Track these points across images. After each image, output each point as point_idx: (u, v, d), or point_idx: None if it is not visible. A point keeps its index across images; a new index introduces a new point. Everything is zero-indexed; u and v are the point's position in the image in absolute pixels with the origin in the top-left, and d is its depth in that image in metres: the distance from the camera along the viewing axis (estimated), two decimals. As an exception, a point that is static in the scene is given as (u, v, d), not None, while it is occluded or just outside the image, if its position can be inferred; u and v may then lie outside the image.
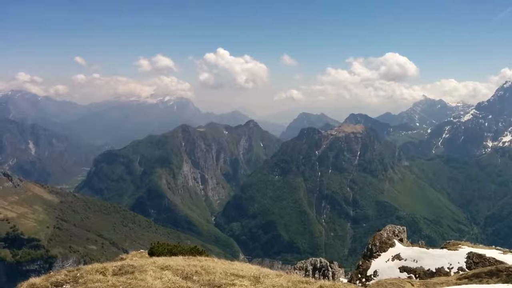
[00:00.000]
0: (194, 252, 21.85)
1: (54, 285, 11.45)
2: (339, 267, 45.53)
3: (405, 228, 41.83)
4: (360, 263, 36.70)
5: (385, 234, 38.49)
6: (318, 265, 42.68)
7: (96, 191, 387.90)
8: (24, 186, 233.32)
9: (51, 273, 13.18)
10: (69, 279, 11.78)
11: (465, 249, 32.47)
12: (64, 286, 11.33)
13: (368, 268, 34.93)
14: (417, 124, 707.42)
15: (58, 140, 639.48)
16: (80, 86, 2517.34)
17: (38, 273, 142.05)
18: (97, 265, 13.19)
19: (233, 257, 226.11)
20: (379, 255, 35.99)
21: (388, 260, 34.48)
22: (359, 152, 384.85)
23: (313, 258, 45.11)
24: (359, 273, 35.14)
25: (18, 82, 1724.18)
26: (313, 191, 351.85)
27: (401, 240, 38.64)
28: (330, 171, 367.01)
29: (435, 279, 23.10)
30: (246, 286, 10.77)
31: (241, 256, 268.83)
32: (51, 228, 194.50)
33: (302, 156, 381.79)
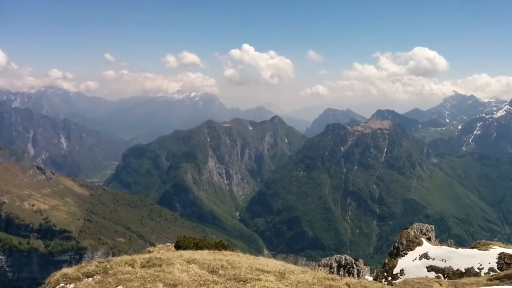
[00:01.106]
0: (219, 246, 22.06)
1: (86, 276, 11.82)
2: (365, 265, 45.05)
3: (433, 226, 41.00)
4: (386, 261, 36.24)
5: (412, 233, 37.84)
6: (343, 262, 42.35)
7: (124, 185, 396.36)
8: (56, 179, 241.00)
9: (82, 264, 13.62)
10: (99, 270, 12.14)
11: (496, 250, 31.59)
12: (95, 276, 11.69)
13: (394, 266, 34.47)
14: (447, 120, 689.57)
15: (88, 134, 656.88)
16: (109, 82, 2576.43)
17: (69, 263, 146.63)
18: (126, 257, 13.54)
19: (257, 252, 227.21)
20: (406, 253, 35.44)
21: (415, 259, 33.92)
22: (386, 149, 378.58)
23: (338, 255, 44.78)
24: (385, 271, 34.73)
25: (50, 78, 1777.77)
26: (338, 188, 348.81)
27: (429, 239, 37.90)
28: (356, 167, 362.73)
29: (464, 280, 22.60)
30: (271, 281, 10.83)
31: (265, 252, 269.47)
32: (81, 220, 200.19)
33: (327, 152, 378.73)
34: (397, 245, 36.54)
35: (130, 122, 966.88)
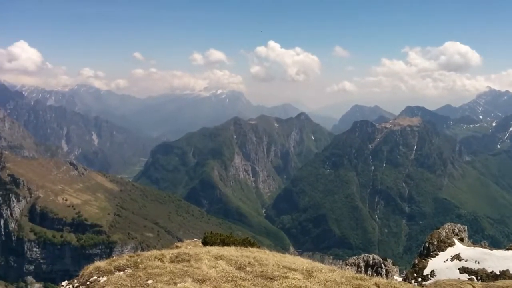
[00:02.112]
0: (246, 243, 22.16)
1: (117, 269, 12.13)
2: (393, 265, 44.28)
3: (466, 227, 39.82)
4: (416, 262, 35.50)
5: (444, 233, 36.88)
6: (371, 261, 41.74)
7: (153, 181, 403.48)
8: (88, 175, 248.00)
9: (114, 257, 13.99)
10: (130, 264, 12.44)
11: (532, 252, 30.40)
12: (126, 270, 11.98)
13: (424, 267, 33.72)
14: (481, 117, 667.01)
15: (118, 131, 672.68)
16: (139, 80, 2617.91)
17: (100, 257, 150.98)
18: (155, 252, 13.82)
19: (283, 249, 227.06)
20: (437, 254, 34.58)
21: (446, 260, 33.07)
22: (415, 146, 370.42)
23: (366, 255, 44.15)
24: (414, 272, 34.03)
25: (83, 77, 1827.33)
26: (366, 186, 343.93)
27: (461, 240, 36.86)
28: (384, 165, 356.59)
29: (499, 282, 21.87)
30: (299, 279, 10.79)
31: (291, 249, 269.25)
32: (111, 215, 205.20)
33: (354, 150, 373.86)
34: (427, 245, 35.71)
35: (158, 119, 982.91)
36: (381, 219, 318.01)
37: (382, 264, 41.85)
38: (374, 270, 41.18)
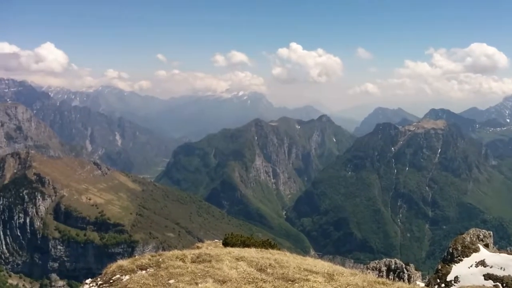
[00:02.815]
0: (267, 245, 22.16)
1: (140, 268, 12.32)
2: (416, 270, 43.51)
3: (491, 232, 38.82)
4: (439, 267, 34.80)
5: (468, 238, 36.04)
6: (393, 266, 41.14)
7: (174, 182, 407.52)
8: (111, 175, 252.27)
9: (136, 257, 14.22)
10: (152, 263, 12.62)
11: (562, 260, 29.39)
12: (148, 269, 12.16)
13: (448, 273, 33.02)
14: (508, 120, 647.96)
15: (141, 132, 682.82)
16: (161, 82, 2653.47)
17: (122, 256, 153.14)
18: (177, 252, 13.98)
19: (303, 252, 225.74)
20: (461, 260, 33.82)
21: (471, 266, 32.30)
22: (440, 150, 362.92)
23: (388, 259, 43.54)
24: (438, 277, 33.36)
25: (107, 78, 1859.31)
26: (388, 189, 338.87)
27: (486, 246, 35.95)
28: (407, 168, 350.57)
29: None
30: (320, 282, 10.74)
31: (312, 252, 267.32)
32: (134, 215, 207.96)
33: (377, 153, 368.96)
34: (451, 251, 34.97)
35: (180, 120, 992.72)
36: (403, 223, 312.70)
37: (404, 269, 41.18)
38: (396, 275, 40.57)
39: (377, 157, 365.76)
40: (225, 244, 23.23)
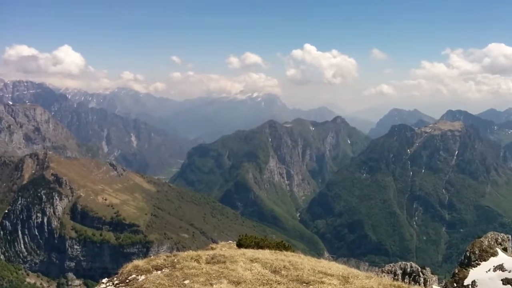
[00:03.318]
0: (281, 246, 22.11)
1: (155, 269, 12.45)
2: (432, 273, 42.89)
3: (510, 236, 38.10)
4: (456, 271, 34.29)
5: (486, 242, 35.44)
6: (408, 269, 40.65)
7: (189, 183, 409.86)
8: (127, 176, 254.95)
9: (151, 257, 14.35)
10: (167, 264, 12.73)
11: None
12: (163, 270, 12.27)
13: (465, 277, 32.52)
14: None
15: (156, 133, 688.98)
16: (176, 83, 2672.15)
17: (137, 256, 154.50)
18: (191, 253, 14.07)
19: (317, 254, 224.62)
20: (479, 264, 33.28)
21: (489, 270, 31.76)
22: (457, 152, 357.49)
23: (403, 262, 43.03)
24: (454, 281, 32.88)
25: (123, 80, 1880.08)
26: (403, 192, 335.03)
27: (504, 250, 35.30)
28: (423, 171, 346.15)
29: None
30: (335, 285, 10.69)
31: (326, 254, 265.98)
32: (148, 215, 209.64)
33: (392, 154, 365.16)
34: (468, 255, 34.43)
35: (195, 121, 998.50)
36: (419, 226, 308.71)
37: (420, 273, 40.65)
38: (411, 279, 40.08)
39: (392, 159, 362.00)
40: (239, 245, 23.26)
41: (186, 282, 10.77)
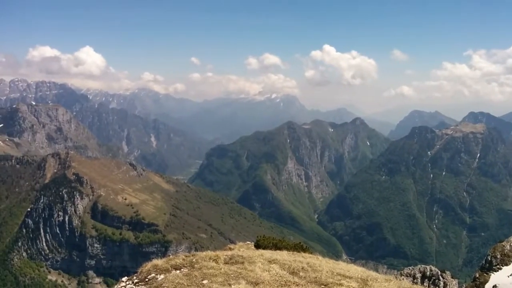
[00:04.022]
0: (299, 248, 22.05)
1: (174, 268, 12.59)
2: (452, 277, 42.07)
3: (534, 241, 37.09)
4: (477, 276, 33.60)
5: (508, 246, 34.63)
6: (428, 273, 40.00)
7: (207, 183, 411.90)
8: (146, 175, 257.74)
9: (170, 256, 14.52)
10: (186, 264, 12.86)
11: None
12: (182, 269, 12.40)
13: (486, 281, 31.86)
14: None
15: (175, 134, 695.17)
16: (196, 84, 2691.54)
17: (155, 255, 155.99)
18: (210, 253, 14.17)
19: (335, 256, 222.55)
20: (500, 268, 32.56)
21: (510, 275, 31.03)
22: (479, 154, 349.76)
23: (423, 265, 42.35)
24: (475, 286, 32.23)
25: (143, 81, 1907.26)
26: (423, 194, 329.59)
27: (528, 255, 34.40)
28: (444, 173, 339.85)
29: None
30: (353, 287, 10.64)
31: (344, 257, 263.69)
32: (167, 215, 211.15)
33: (412, 157, 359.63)
34: (489, 259, 33.71)
35: (213, 122, 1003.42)
36: (439, 229, 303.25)
37: (440, 276, 39.94)
38: (431, 282, 39.41)
39: (412, 161, 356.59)
40: (257, 246, 23.28)
41: (205, 282, 10.86)
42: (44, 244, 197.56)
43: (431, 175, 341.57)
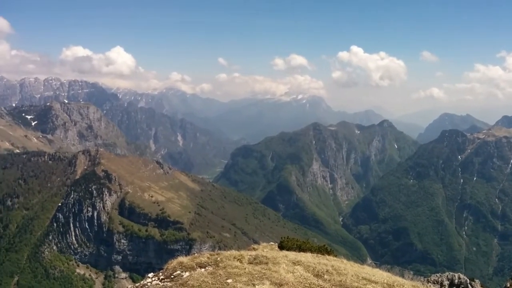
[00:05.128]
0: (323, 250, 21.87)
1: (199, 266, 12.73)
2: (481, 286, 40.74)
3: None
4: (508, 285, 32.38)
5: (544, 257, 33.30)
6: (456, 281, 38.84)
7: (232, 183, 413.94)
8: (172, 174, 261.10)
9: (195, 254, 14.69)
10: (211, 262, 12.98)
11: None
12: (207, 267, 12.52)
13: (519, 292, 30.64)
14: None
15: (201, 133, 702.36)
16: (222, 85, 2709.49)
17: (180, 252, 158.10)
18: (234, 252, 14.25)
19: (360, 260, 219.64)
20: (534, 279, 31.25)
21: (546, 287, 29.75)
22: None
23: (451, 273, 41.15)
24: (507, 296, 31.07)
25: (171, 81, 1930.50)
26: (453, 200, 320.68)
27: None
28: (475, 178, 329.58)
29: None
30: (379, 292, 10.49)
31: (369, 261, 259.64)
32: (192, 214, 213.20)
33: (442, 161, 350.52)
34: (523, 269, 32.48)
35: (239, 122, 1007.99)
36: (469, 236, 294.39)
37: (469, 285, 38.73)
38: (460, 291, 38.27)
39: (442, 165, 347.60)
40: (281, 247, 23.23)
41: (229, 281, 10.93)
42: (74, 238, 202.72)
43: (461, 180, 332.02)
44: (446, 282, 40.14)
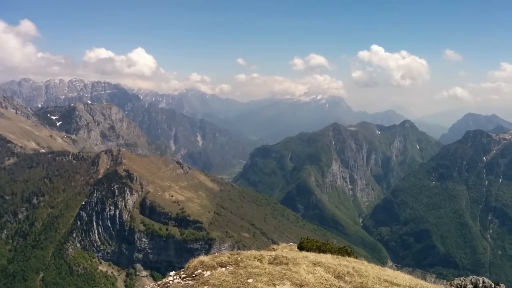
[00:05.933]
0: (343, 252, 21.72)
1: (219, 265, 12.84)
2: (508, 291, 39.74)
3: None
4: (536, 291, 31.50)
5: None
6: (481, 285, 37.97)
7: (251, 183, 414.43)
8: (192, 174, 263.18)
9: (216, 254, 14.81)
10: (231, 261, 13.08)
11: None
12: (227, 267, 12.62)
13: (547, 298, 29.82)
14: None
15: (220, 134, 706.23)
16: (241, 85, 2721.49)
17: (199, 252, 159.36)
18: (254, 252, 14.31)
19: (380, 262, 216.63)
20: None
21: None
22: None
23: (474, 277, 40.26)
24: (534, 302, 30.27)
25: (191, 82, 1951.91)
26: (477, 202, 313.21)
27: None
28: (500, 180, 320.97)
29: None
30: (401, 295, 10.37)
31: (389, 263, 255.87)
32: (211, 213, 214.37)
33: (465, 162, 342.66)
34: (551, 274, 31.54)
35: (258, 123, 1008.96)
36: (494, 239, 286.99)
37: (494, 290, 37.83)
38: (484, 295, 37.43)
39: (465, 166, 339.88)
40: (300, 248, 23.18)
41: (250, 280, 10.98)
42: (96, 236, 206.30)
43: (486, 182, 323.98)
44: (469, 286, 39.28)
